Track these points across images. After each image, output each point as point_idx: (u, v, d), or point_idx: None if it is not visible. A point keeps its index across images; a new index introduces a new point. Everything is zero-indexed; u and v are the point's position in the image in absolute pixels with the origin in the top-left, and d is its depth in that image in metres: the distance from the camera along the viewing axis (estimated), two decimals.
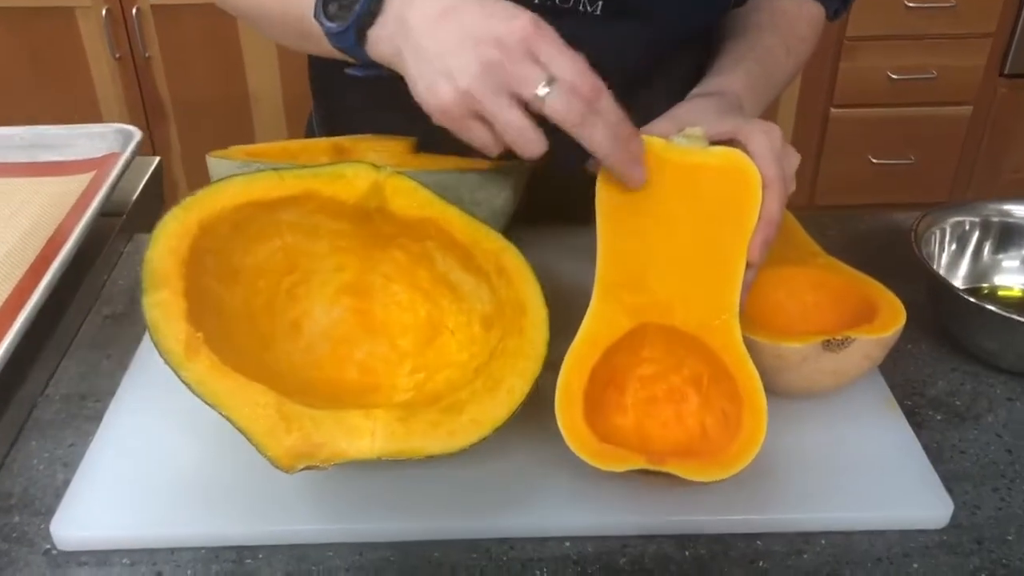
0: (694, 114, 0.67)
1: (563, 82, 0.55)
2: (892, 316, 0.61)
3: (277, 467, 0.51)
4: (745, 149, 0.62)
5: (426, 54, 0.57)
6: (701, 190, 0.61)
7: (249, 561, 0.56)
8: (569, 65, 0.55)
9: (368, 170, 0.61)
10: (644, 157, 0.60)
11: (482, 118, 0.57)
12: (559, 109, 0.55)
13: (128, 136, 0.90)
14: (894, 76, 2.17)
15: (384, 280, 0.66)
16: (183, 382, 0.53)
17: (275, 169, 0.60)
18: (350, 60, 0.65)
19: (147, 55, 2.08)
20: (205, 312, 0.57)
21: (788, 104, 2.21)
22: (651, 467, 0.53)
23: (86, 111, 2.10)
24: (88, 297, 0.79)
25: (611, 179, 0.61)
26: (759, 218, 0.60)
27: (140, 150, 0.90)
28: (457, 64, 0.55)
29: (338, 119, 0.93)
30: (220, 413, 0.52)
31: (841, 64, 2.17)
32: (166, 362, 0.53)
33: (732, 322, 0.58)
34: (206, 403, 0.52)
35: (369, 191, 0.61)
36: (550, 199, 0.76)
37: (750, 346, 0.59)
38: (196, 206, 0.57)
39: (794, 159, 0.64)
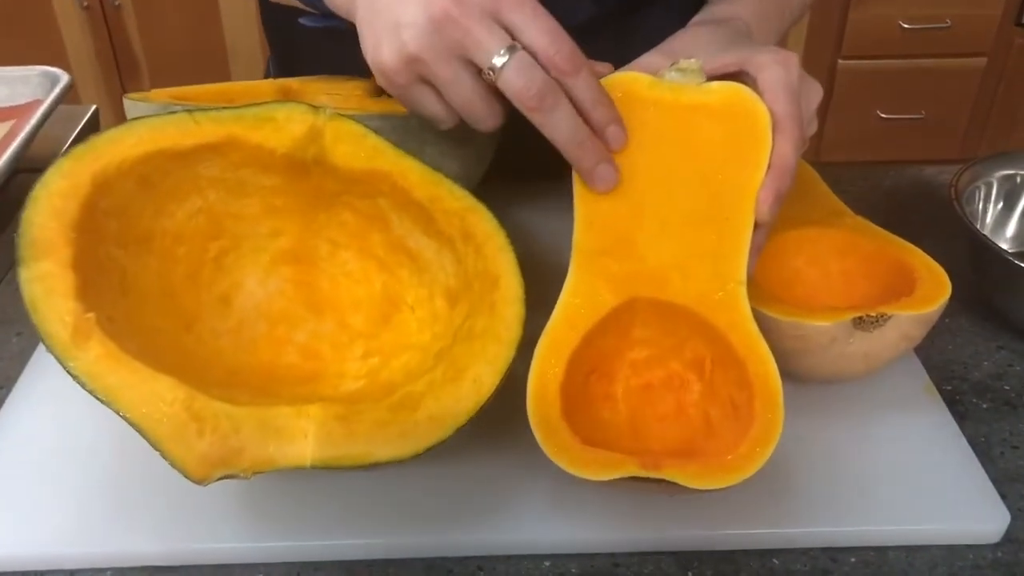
0: (693, 46, 0.56)
1: (528, 51, 0.47)
2: (934, 288, 0.52)
3: (187, 477, 0.42)
4: (754, 84, 0.52)
5: (378, 4, 0.49)
6: (698, 134, 0.51)
7: None
8: (540, 29, 0.47)
9: (303, 112, 0.51)
10: (613, 151, 0.50)
11: (431, 84, 0.50)
12: (514, 85, 0.47)
13: (54, 80, 0.79)
14: (906, 25, 2.06)
15: (331, 246, 0.56)
16: (70, 374, 0.43)
17: (188, 111, 0.49)
18: (306, 8, 0.56)
19: (117, 3, 1.98)
20: (104, 287, 0.47)
21: None
22: (644, 473, 0.43)
23: (53, 64, 1.98)
24: (1, 260, 0.69)
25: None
26: (769, 166, 0.50)
27: (67, 96, 0.79)
28: (405, 16, 0.48)
29: (295, 66, 0.82)
30: (116, 412, 0.42)
31: (850, 14, 2.07)
32: (49, 349, 0.43)
33: (739, 293, 0.48)
34: (99, 400, 0.43)
35: (305, 138, 0.50)
36: (530, 148, 0.65)
37: (765, 324, 0.49)
38: (88, 156, 0.47)
39: (814, 94, 0.54)
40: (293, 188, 0.53)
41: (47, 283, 0.44)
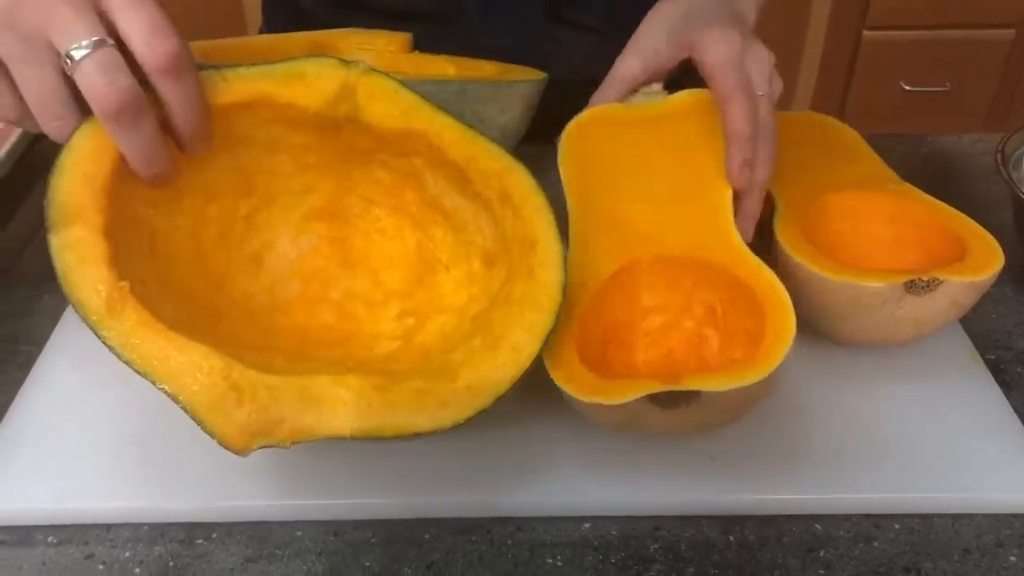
0: (655, 35, 0.59)
1: (124, 43, 0.42)
2: (986, 256, 0.50)
3: (227, 449, 0.41)
4: (703, 65, 0.55)
5: None
6: (670, 135, 0.57)
7: (200, 542, 0.46)
8: (141, 20, 0.42)
9: (335, 67, 0.49)
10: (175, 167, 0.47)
11: (1, 63, 0.43)
12: (93, 83, 0.41)
13: None
14: None
15: (364, 203, 0.55)
16: (104, 344, 0.42)
17: (217, 69, 0.48)
18: None
19: None
20: (135, 251, 0.46)
21: (818, 26, 2.07)
22: (665, 387, 0.43)
23: None
24: (31, 215, 0.68)
25: (573, 137, 0.57)
26: (726, 138, 0.53)
27: None
28: None
29: (296, 22, 0.80)
30: (153, 383, 0.42)
31: None
32: (83, 319, 0.42)
33: (731, 232, 0.51)
34: (135, 371, 0.42)
35: (337, 95, 0.49)
36: (568, 112, 0.64)
37: (816, 283, 0.49)
38: None
39: (762, 57, 0.55)
40: (325, 145, 0.52)
41: (79, 251, 0.43)
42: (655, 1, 0.62)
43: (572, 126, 0.58)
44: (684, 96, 0.58)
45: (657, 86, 0.59)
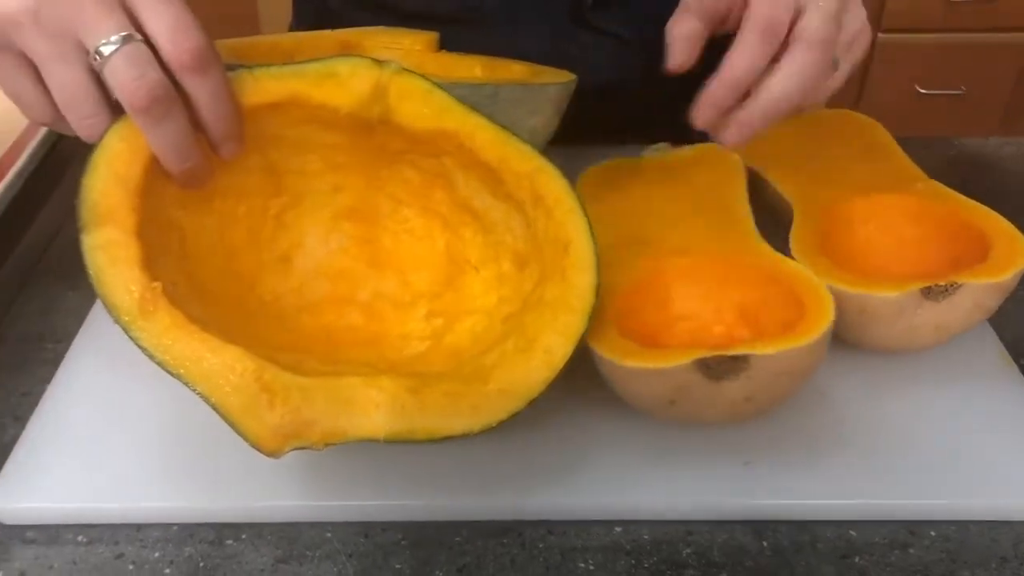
0: None
1: (150, 42, 0.42)
2: (1010, 253, 0.49)
3: (260, 451, 0.41)
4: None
5: None
6: (683, 177, 0.61)
7: (230, 542, 0.46)
8: (166, 17, 0.42)
9: (368, 67, 0.49)
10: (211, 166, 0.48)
11: (31, 63, 0.43)
12: (121, 77, 0.41)
13: None
14: None
15: (393, 203, 0.54)
16: (137, 345, 0.42)
17: (249, 69, 0.48)
18: None
19: None
20: (166, 252, 0.46)
21: None
22: (714, 352, 0.43)
23: None
24: (57, 212, 0.68)
25: (590, 182, 0.61)
26: (718, 72, 0.50)
27: None
28: None
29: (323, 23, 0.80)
30: (186, 384, 0.42)
31: None
32: (115, 320, 0.42)
33: (756, 239, 0.53)
34: (168, 372, 0.42)
35: (369, 96, 0.49)
36: (599, 114, 0.64)
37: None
38: None
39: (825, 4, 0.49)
40: (356, 145, 0.52)
41: (111, 251, 0.43)
42: (676, 5, 0.61)
43: (587, 173, 0.62)
44: (691, 149, 0.63)
45: (665, 145, 0.64)
